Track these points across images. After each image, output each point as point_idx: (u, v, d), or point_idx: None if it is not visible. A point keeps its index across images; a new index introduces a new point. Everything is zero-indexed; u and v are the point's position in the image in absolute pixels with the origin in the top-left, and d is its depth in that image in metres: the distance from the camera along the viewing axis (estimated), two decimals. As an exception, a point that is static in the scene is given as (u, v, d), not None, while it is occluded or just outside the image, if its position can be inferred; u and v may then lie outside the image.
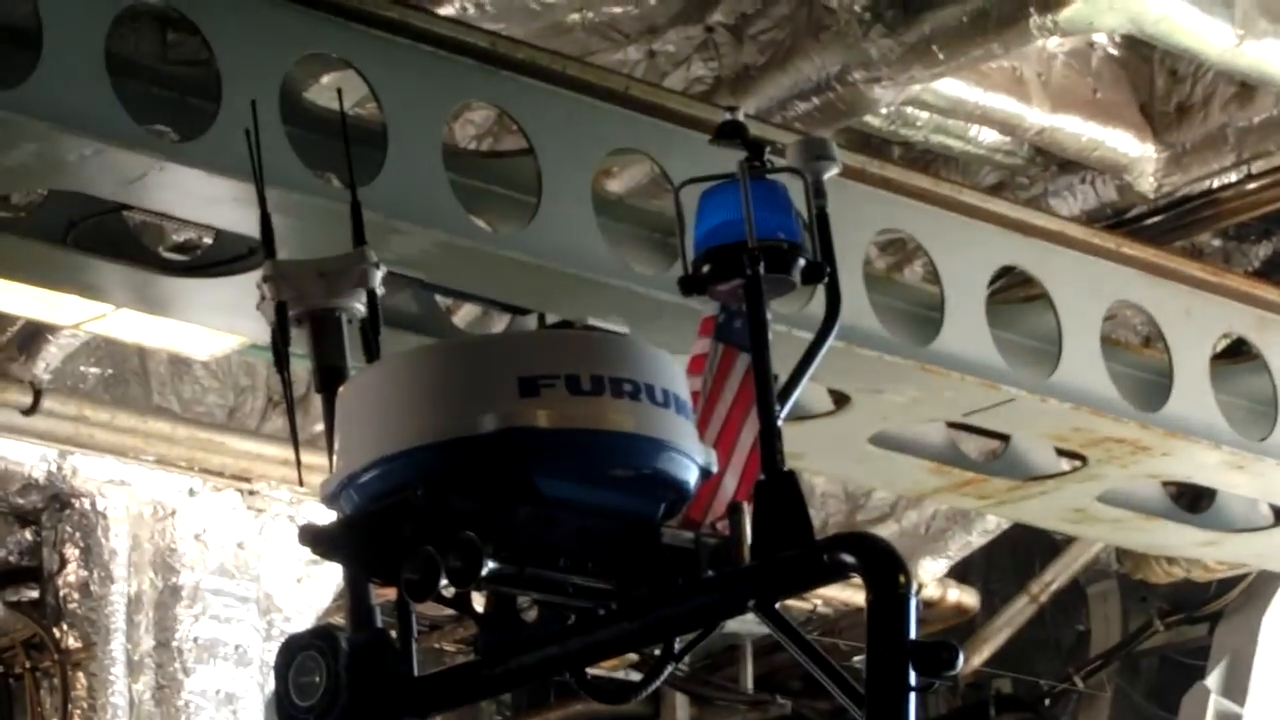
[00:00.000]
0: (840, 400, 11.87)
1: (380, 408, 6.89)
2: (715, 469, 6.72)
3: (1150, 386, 12.67)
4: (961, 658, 6.44)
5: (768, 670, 17.56)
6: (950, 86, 12.22)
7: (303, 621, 12.14)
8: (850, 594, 14.58)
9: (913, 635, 6.34)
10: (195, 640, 13.45)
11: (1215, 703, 15.40)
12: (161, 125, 9.59)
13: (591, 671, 7.13)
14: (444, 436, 6.67)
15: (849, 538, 7.03)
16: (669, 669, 7.09)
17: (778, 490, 6.61)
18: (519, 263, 10.24)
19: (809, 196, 6.85)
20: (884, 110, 12.23)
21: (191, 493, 13.27)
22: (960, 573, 16.32)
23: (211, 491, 13.23)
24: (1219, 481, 13.30)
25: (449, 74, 10.38)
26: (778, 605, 6.64)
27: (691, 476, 6.71)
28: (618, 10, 11.72)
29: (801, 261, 6.78)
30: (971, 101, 12.45)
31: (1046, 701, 16.87)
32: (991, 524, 15.34)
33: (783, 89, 11.80)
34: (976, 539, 15.68)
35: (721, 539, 6.71)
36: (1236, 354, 13.13)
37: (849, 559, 6.45)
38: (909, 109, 12.43)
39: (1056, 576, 16.88)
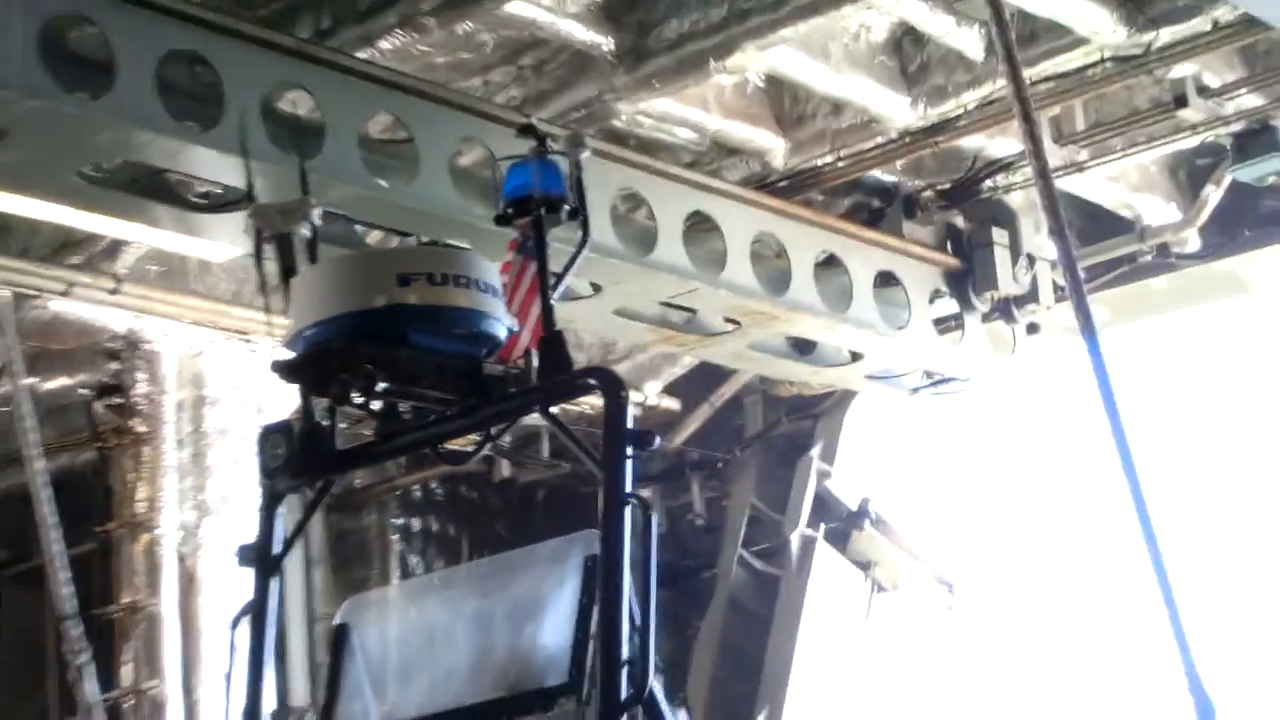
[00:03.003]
0: (596, 288, 11.83)
1: (317, 291, 6.87)
2: (516, 329, 6.74)
3: (779, 280, 12.66)
4: (659, 440, 6.50)
5: (558, 446, 17.65)
6: (663, 104, 12.13)
7: (279, 415, 12.05)
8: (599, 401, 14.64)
9: (630, 425, 6.39)
10: (217, 429, 13.35)
11: (817, 465, 15.50)
12: (190, 122, 9.45)
13: (445, 446, 7.19)
14: (355, 308, 6.68)
15: (594, 369, 7.17)
16: (489, 444, 7.12)
17: (553, 342, 6.67)
18: (404, 206, 10.18)
19: (573, 168, 6.89)
20: (623, 116, 12.12)
21: (213, 341, 13.16)
22: (670, 389, 16.25)
23: (224, 340, 13.12)
24: (819, 336, 13.35)
25: (365, 94, 10.28)
26: (554, 409, 6.71)
27: (502, 333, 6.76)
28: (465, 56, 11.59)
29: (566, 207, 6.82)
30: (676, 113, 12.37)
31: (720, 465, 16.83)
32: (688, 361, 15.31)
33: (564, 103, 11.70)
34: (679, 370, 15.65)
35: (520, 370, 6.75)
36: (830, 263, 13.10)
37: (593, 381, 6.56)
38: (639, 115, 12.33)
39: (726, 391, 16.63)
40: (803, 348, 13.59)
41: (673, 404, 15.86)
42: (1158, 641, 6.21)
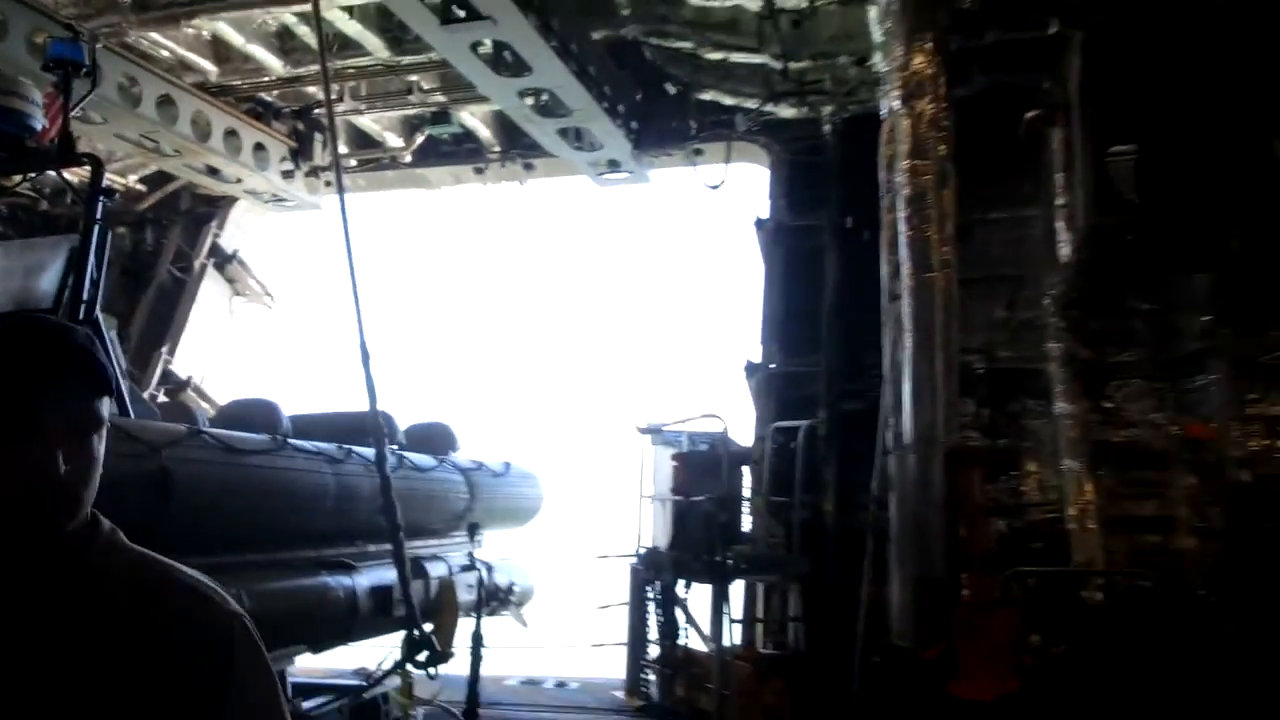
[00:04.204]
0: (104, 119, 10.86)
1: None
2: (46, 126, 6.39)
3: (204, 136, 11.98)
4: (119, 197, 6.33)
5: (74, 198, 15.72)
6: (155, 35, 11.37)
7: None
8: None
9: (103, 184, 6.23)
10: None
11: (214, 229, 14.75)
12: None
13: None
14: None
15: (87, 152, 6.82)
16: (26, 182, 6.75)
17: (66, 136, 6.36)
18: (-2, 56, 9.11)
19: (91, 51, 6.58)
20: (133, 37, 11.17)
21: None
22: (142, 180, 14.49)
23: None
24: (221, 167, 12.74)
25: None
26: (65, 172, 6.43)
27: (39, 127, 6.39)
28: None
29: (84, 69, 6.50)
30: (162, 41, 11.57)
31: (164, 222, 15.27)
32: (153, 166, 13.75)
33: (100, 24, 10.62)
34: (149, 170, 14.00)
35: (46, 147, 6.42)
36: (231, 134, 12.52)
37: (85, 157, 6.32)
38: (141, 38, 11.38)
39: (172, 185, 14.26)
40: (214, 172, 13.08)
41: (142, 188, 14.82)
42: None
